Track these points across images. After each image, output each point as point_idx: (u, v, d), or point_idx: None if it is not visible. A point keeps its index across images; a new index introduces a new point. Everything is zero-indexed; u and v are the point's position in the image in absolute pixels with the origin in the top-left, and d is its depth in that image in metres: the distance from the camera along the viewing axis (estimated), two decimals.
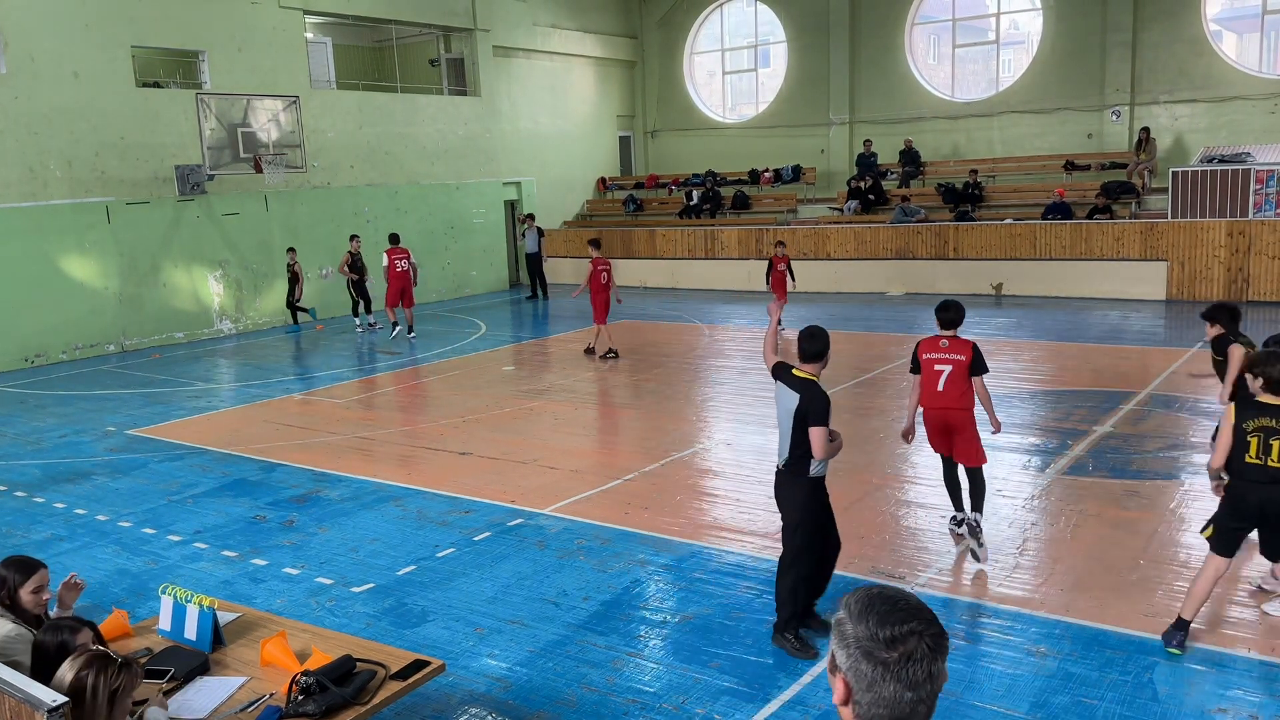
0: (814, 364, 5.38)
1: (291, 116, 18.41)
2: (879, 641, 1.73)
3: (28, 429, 11.63)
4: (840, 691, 1.79)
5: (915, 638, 1.73)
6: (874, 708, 1.74)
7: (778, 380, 5.41)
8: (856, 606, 1.78)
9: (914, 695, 1.74)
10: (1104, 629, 5.51)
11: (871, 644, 1.73)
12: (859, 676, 1.74)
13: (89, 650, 3.19)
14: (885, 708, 1.73)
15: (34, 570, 4.04)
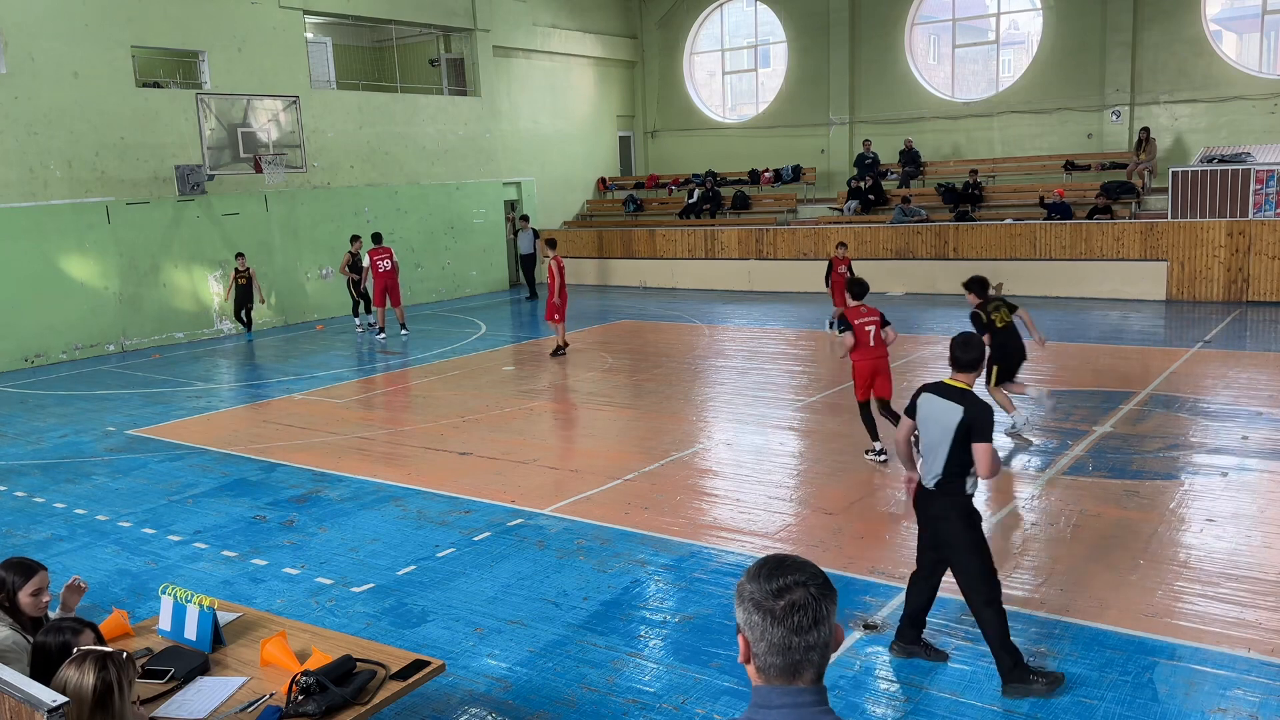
0: (970, 373, 5.04)
1: (291, 116, 18.41)
2: (767, 593, 1.88)
3: (28, 429, 11.63)
4: (742, 649, 1.92)
5: (800, 588, 1.88)
6: (768, 656, 1.87)
7: (926, 393, 5.04)
8: (753, 569, 1.94)
9: (801, 641, 1.85)
10: (1104, 629, 5.51)
11: (761, 596, 1.88)
12: (752, 628, 1.88)
13: (95, 650, 3.18)
14: (778, 655, 1.86)
15: (34, 572, 4.02)
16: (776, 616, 1.86)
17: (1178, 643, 5.32)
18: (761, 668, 1.89)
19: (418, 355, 15.69)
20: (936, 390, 5.04)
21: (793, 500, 8.04)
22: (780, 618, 1.86)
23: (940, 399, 4.98)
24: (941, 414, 4.93)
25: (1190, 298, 17.82)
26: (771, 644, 1.86)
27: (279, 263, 19.50)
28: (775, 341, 15.64)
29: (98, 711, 3.04)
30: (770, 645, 1.86)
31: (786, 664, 1.87)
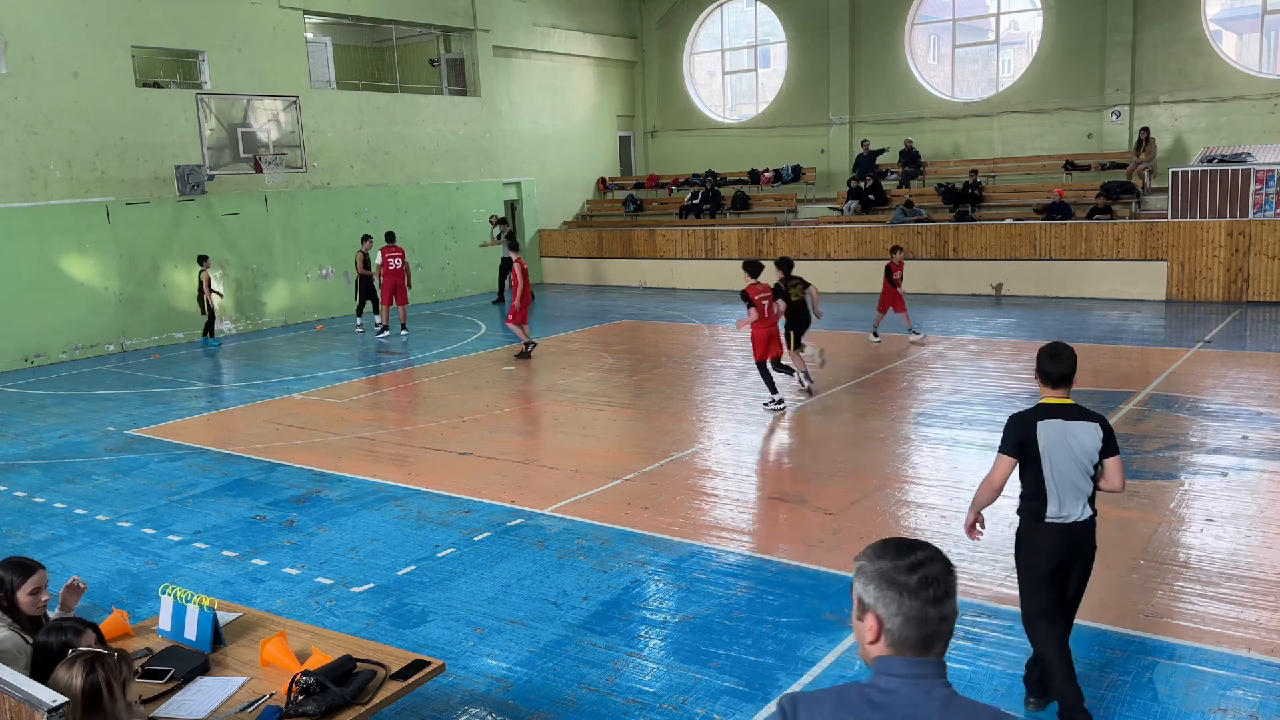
0: (1067, 387, 4.53)
1: (291, 116, 18.41)
2: (900, 569, 1.94)
3: (28, 429, 11.63)
4: (872, 628, 1.96)
5: (930, 563, 1.95)
6: (905, 630, 1.93)
7: (1043, 421, 4.39)
8: (873, 550, 2.02)
9: (937, 612, 1.93)
10: (1104, 629, 5.51)
11: (894, 572, 1.94)
12: (887, 603, 1.94)
13: (85, 652, 3.18)
14: (914, 628, 1.92)
15: (32, 571, 4.01)
16: (913, 589, 1.93)
17: (1178, 643, 5.32)
18: (896, 641, 1.94)
19: (418, 355, 15.69)
20: (1054, 414, 4.42)
21: (793, 500, 8.04)
22: (916, 590, 1.92)
23: (1067, 422, 4.40)
24: (1076, 437, 4.38)
25: (1190, 298, 17.82)
26: (908, 617, 1.93)
27: (279, 263, 19.49)
28: None
29: (89, 713, 3.04)
30: (907, 618, 1.93)
31: (922, 635, 1.93)
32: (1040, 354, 4.56)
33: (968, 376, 12.26)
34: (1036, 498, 4.44)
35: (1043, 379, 4.54)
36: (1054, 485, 4.38)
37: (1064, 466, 4.36)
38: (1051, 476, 4.38)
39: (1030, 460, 4.41)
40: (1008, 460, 4.46)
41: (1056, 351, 4.52)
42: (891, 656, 1.95)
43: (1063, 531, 4.43)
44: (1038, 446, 4.38)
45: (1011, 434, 4.45)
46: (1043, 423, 4.41)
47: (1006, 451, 4.46)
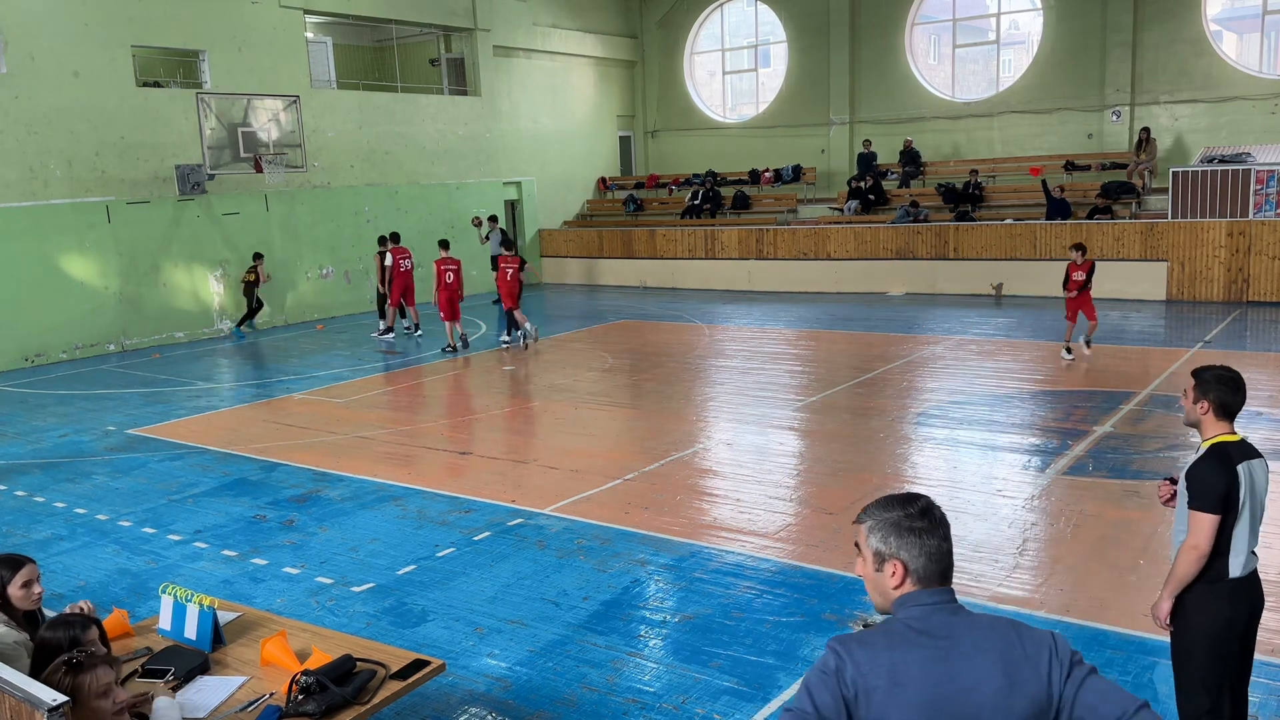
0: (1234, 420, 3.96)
1: (291, 116, 18.42)
2: (913, 516, 2.22)
3: (28, 428, 11.63)
4: (898, 573, 2.19)
5: (933, 507, 2.25)
6: (929, 565, 2.19)
7: (1241, 465, 3.76)
8: (878, 506, 2.26)
9: (949, 545, 2.22)
10: (1104, 629, 5.51)
11: (906, 519, 2.21)
12: (908, 547, 2.19)
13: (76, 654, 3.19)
14: (935, 561, 2.19)
15: (21, 565, 3.97)
16: (929, 530, 2.20)
17: None
18: (922, 578, 2.19)
19: (418, 355, 15.69)
20: (1242, 454, 3.80)
21: (793, 500, 8.04)
22: (931, 529, 2.21)
23: (1256, 461, 3.82)
24: (1265, 478, 3.83)
25: (1190, 298, 17.81)
26: (930, 553, 2.19)
27: (279, 263, 19.49)
28: (775, 341, 15.64)
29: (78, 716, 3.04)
30: (929, 555, 2.19)
31: (942, 568, 2.20)
32: (1216, 381, 3.87)
33: (968, 376, 12.26)
34: (1220, 553, 3.75)
35: (1219, 410, 3.85)
36: (1248, 536, 3.77)
37: (1257, 514, 3.80)
38: (1248, 528, 3.76)
39: (1226, 513, 3.73)
40: (1215, 520, 3.70)
41: (1236, 379, 3.91)
42: (917, 591, 2.18)
43: (1246, 587, 3.81)
44: (1239, 495, 3.71)
45: (1216, 488, 3.69)
46: (1242, 467, 3.74)
47: (1213, 509, 3.69)
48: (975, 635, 2.15)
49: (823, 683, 2.13)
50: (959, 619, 2.17)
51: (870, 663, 2.12)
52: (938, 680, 2.10)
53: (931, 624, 2.15)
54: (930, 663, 2.11)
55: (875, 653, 2.13)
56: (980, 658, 2.12)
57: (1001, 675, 2.12)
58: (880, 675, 2.10)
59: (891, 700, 2.09)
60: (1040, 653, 2.16)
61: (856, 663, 2.12)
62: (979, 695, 2.10)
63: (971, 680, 2.11)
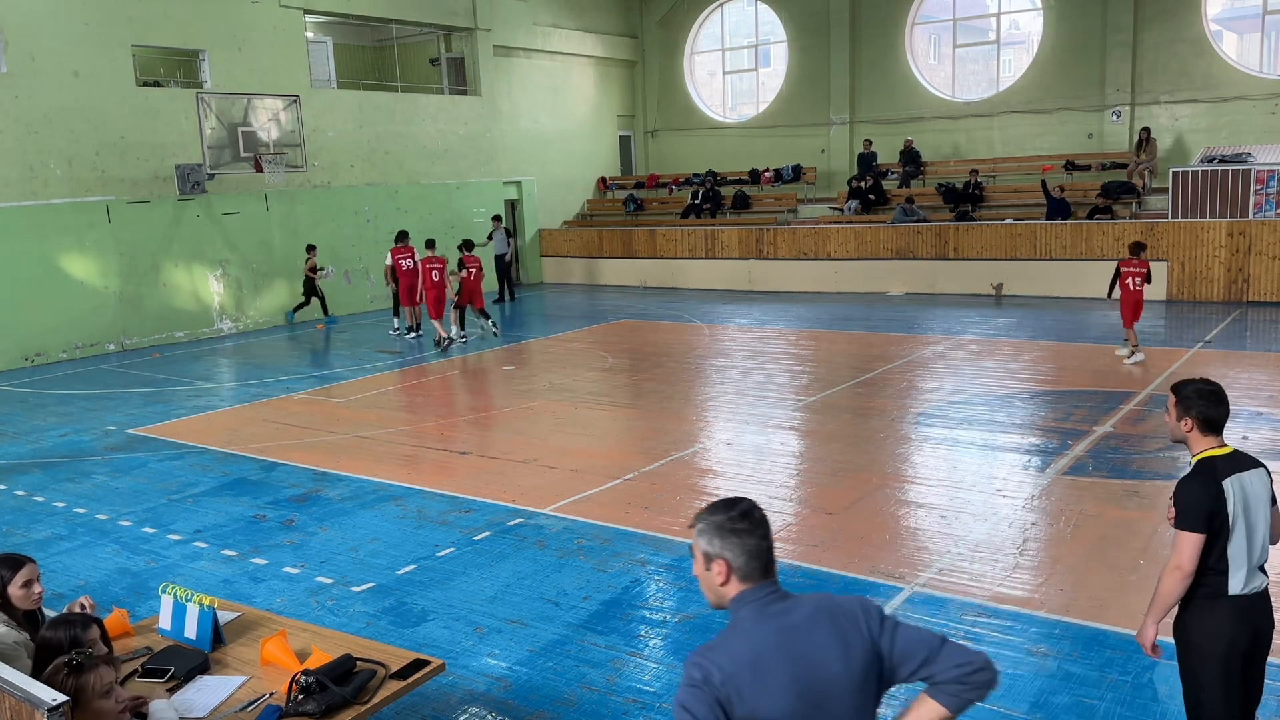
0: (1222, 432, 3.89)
1: (292, 116, 18.42)
2: (732, 518, 2.42)
3: (28, 428, 11.63)
4: (722, 571, 2.41)
5: (753, 509, 2.45)
6: (750, 563, 2.40)
7: (1230, 478, 3.69)
8: (705, 511, 2.48)
9: (767, 543, 2.43)
10: (1104, 629, 5.51)
11: (728, 522, 2.42)
12: (731, 547, 2.40)
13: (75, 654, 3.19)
14: (755, 559, 2.40)
15: (22, 565, 3.97)
16: (747, 530, 2.41)
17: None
18: (744, 576, 2.40)
19: (417, 355, 15.69)
20: (1231, 467, 3.71)
21: (793, 500, 8.04)
22: (750, 530, 2.41)
23: (1247, 472, 3.72)
24: (1262, 489, 3.70)
25: (1190, 298, 17.81)
26: (750, 552, 2.40)
27: (279, 262, 19.50)
28: (775, 341, 15.64)
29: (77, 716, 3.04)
30: (749, 553, 2.39)
31: (763, 564, 2.41)
32: (1197, 396, 3.77)
33: (968, 376, 12.26)
34: (1218, 570, 3.65)
35: (1203, 425, 3.77)
36: (1246, 553, 3.64)
37: (1254, 523, 3.67)
38: (1244, 543, 3.63)
39: (1217, 530, 3.63)
40: (1199, 539, 3.61)
41: (1218, 392, 3.79)
42: (746, 590, 2.40)
43: (1249, 606, 3.66)
44: (1227, 511, 3.61)
45: (1199, 505, 3.62)
46: (1229, 481, 3.66)
47: (1195, 528, 3.60)
48: (807, 615, 2.40)
49: (696, 697, 2.27)
50: (789, 603, 2.41)
51: (732, 663, 2.30)
52: (794, 660, 2.33)
53: (771, 613, 2.38)
54: (783, 647, 2.34)
55: (734, 652, 2.32)
56: (818, 633, 2.38)
57: (839, 644, 2.38)
58: (745, 670, 2.29)
59: (761, 689, 2.29)
60: (858, 615, 2.43)
61: (720, 666, 2.29)
62: (829, 665, 2.35)
63: (819, 654, 2.36)
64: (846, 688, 2.37)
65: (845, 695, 2.37)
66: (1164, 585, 3.67)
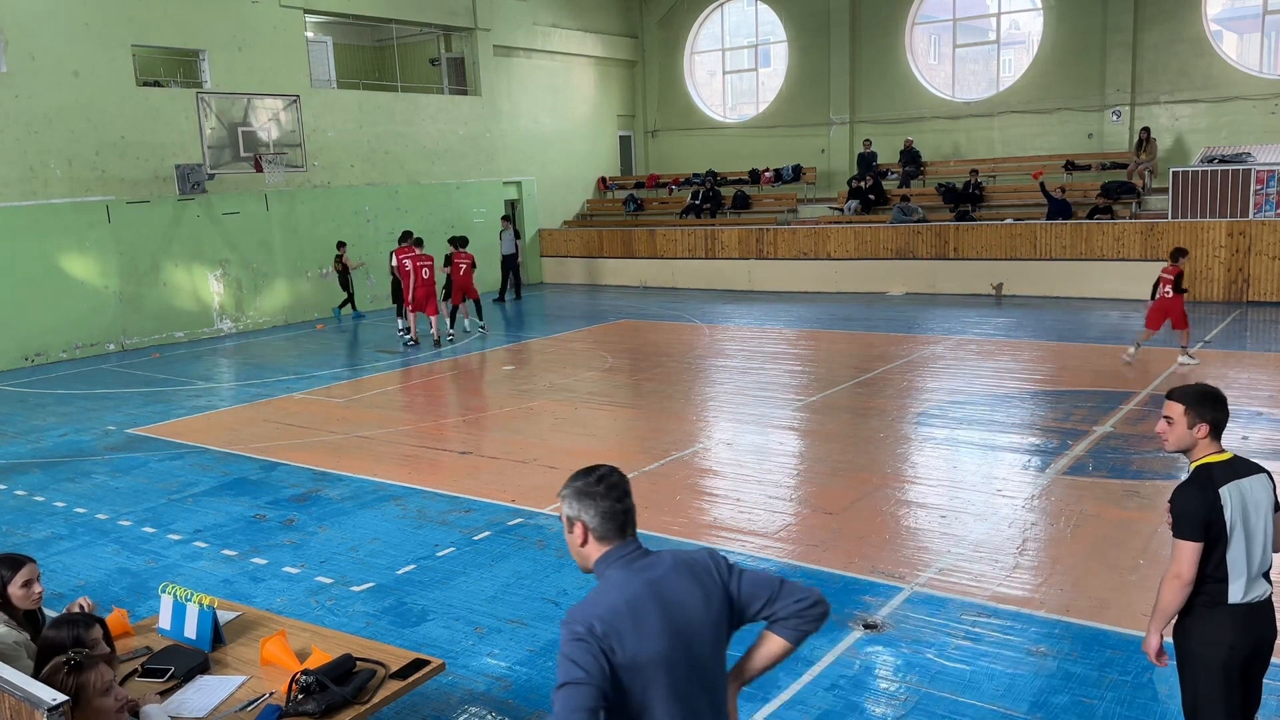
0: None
1: (292, 116, 18.41)
2: (589, 483, 2.64)
3: (28, 427, 11.63)
4: (580, 533, 2.66)
5: (607, 471, 2.68)
6: (604, 524, 2.64)
7: (1229, 485, 3.59)
8: (569, 479, 2.68)
9: (622, 506, 2.66)
10: (1104, 629, 5.51)
11: (584, 486, 2.64)
12: (586, 510, 2.63)
13: (73, 654, 3.19)
14: (610, 520, 2.64)
15: (22, 565, 3.97)
16: (602, 494, 2.63)
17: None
18: (600, 536, 2.65)
19: (417, 355, 15.69)
20: (1233, 472, 3.62)
21: (793, 500, 8.04)
22: (605, 494, 2.63)
23: (1246, 479, 3.63)
24: (1263, 495, 3.63)
25: (1190, 298, 17.78)
26: (604, 513, 2.63)
27: (279, 262, 19.50)
28: (775, 341, 15.64)
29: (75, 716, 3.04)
30: (603, 515, 2.63)
31: (617, 525, 2.65)
32: (1211, 401, 3.66)
33: (968, 376, 12.26)
34: (1217, 578, 3.60)
35: (1214, 430, 3.65)
36: (1245, 560, 3.58)
37: (1254, 529, 3.61)
38: (1244, 550, 3.58)
39: (1215, 538, 3.58)
40: (1196, 548, 3.56)
41: (1218, 395, 3.69)
42: (608, 550, 2.65)
43: (1250, 615, 3.61)
44: (1224, 519, 3.56)
45: (1195, 513, 3.56)
46: (1228, 488, 3.58)
47: (1192, 536, 3.55)
48: (670, 567, 2.68)
49: (580, 648, 2.46)
50: (651, 559, 2.68)
51: (611, 613, 2.52)
52: (663, 606, 2.58)
53: (636, 568, 2.64)
54: (653, 596, 2.58)
55: (610, 604, 2.55)
56: (680, 582, 2.65)
57: (700, 590, 2.67)
58: (623, 619, 2.52)
59: (639, 635, 2.52)
60: (709, 565, 2.75)
61: (600, 618, 2.51)
62: (693, 609, 2.64)
63: (684, 600, 2.63)
64: (707, 628, 2.66)
65: (707, 635, 2.66)
66: (1164, 594, 3.64)
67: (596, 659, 2.45)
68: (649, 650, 2.53)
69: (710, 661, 2.69)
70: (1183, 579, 3.58)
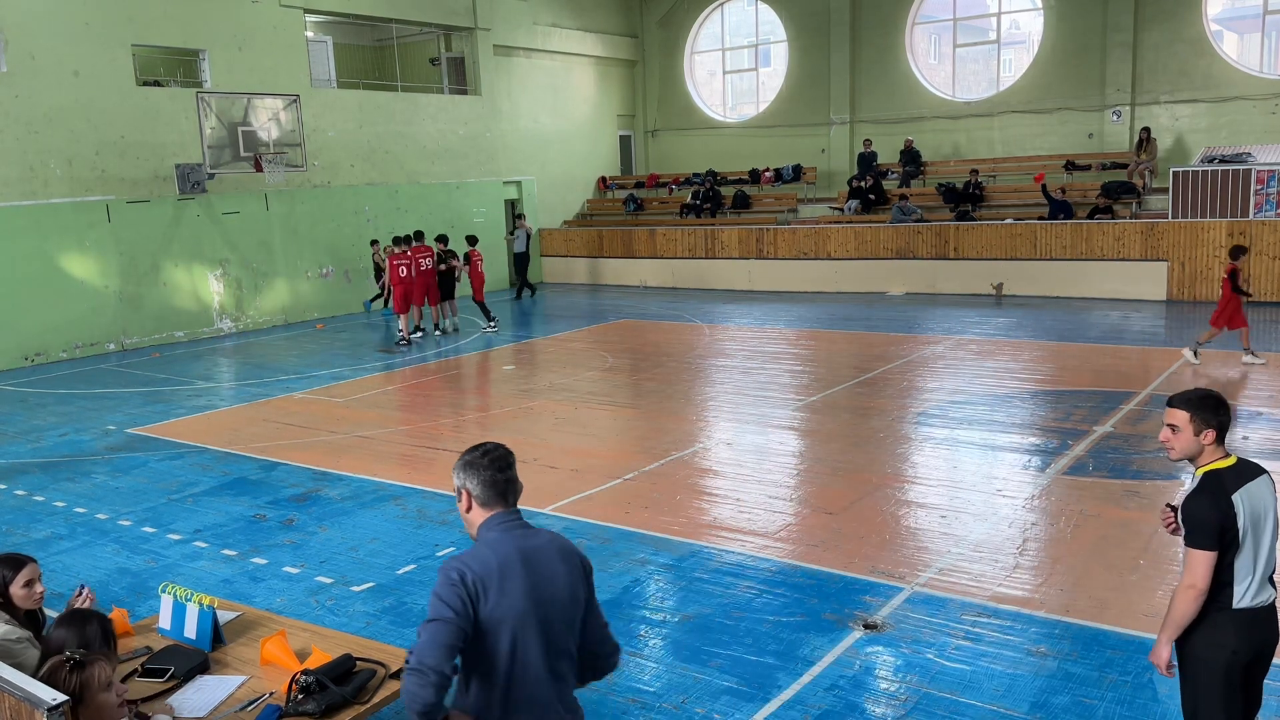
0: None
1: (292, 115, 18.41)
2: (475, 455, 3.04)
3: (28, 427, 11.63)
4: (465, 499, 3.04)
5: (493, 447, 3.08)
6: (485, 492, 3.01)
7: (1239, 491, 3.53)
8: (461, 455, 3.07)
9: (504, 476, 3.03)
10: (1104, 629, 5.51)
11: (471, 458, 3.04)
12: (470, 479, 3.01)
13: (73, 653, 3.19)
14: (491, 488, 3.00)
15: (23, 565, 3.98)
16: (485, 465, 3.01)
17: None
18: (483, 503, 3.01)
19: (418, 355, 15.69)
20: (1238, 479, 3.58)
21: (793, 500, 8.04)
22: (487, 465, 3.01)
23: (1252, 482, 3.58)
24: (1269, 497, 3.59)
25: (1191, 298, 17.81)
26: (485, 483, 2.99)
27: (279, 261, 19.50)
28: (775, 341, 15.64)
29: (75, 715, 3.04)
30: (484, 484, 2.99)
31: (500, 493, 3.01)
32: (1215, 405, 3.60)
33: (968, 376, 12.26)
34: (1223, 582, 3.57)
35: (1218, 434, 3.60)
36: (1253, 565, 3.54)
37: (1259, 534, 3.56)
38: (1251, 554, 3.54)
39: (1227, 545, 3.52)
40: (1211, 557, 3.50)
41: (1220, 398, 3.63)
42: (490, 516, 2.99)
43: (1254, 619, 3.57)
44: (1238, 526, 3.50)
45: (1211, 522, 3.49)
46: (1239, 494, 3.53)
47: (1207, 546, 3.49)
48: (544, 542, 3.01)
49: (451, 592, 2.81)
50: (529, 531, 3.02)
51: (483, 568, 2.87)
52: (532, 573, 2.91)
53: (513, 535, 2.97)
54: (524, 562, 2.91)
55: (484, 560, 2.89)
56: (552, 559, 2.98)
57: (566, 571, 3.00)
58: (493, 575, 2.86)
59: (503, 592, 2.85)
60: (578, 561, 3.06)
61: (472, 570, 2.85)
62: (558, 580, 2.96)
63: (550, 573, 2.95)
64: (566, 604, 2.98)
65: (565, 609, 2.98)
66: (1178, 605, 3.57)
67: (464, 603, 2.80)
68: (510, 608, 2.86)
69: (563, 638, 2.99)
70: (1198, 589, 3.52)
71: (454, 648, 2.77)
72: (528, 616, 2.89)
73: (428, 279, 17.12)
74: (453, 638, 2.76)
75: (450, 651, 2.75)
